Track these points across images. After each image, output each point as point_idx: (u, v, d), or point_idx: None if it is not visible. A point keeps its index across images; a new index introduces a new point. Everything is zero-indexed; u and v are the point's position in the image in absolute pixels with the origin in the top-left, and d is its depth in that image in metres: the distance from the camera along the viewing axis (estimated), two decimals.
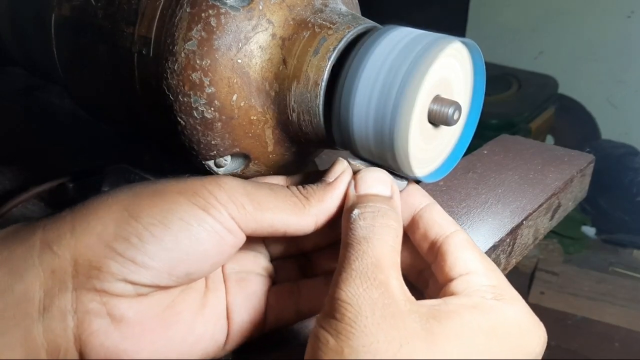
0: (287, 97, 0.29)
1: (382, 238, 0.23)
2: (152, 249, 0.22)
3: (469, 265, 0.24)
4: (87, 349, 0.22)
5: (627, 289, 1.62)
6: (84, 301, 0.22)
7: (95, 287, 0.22)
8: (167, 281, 0.23)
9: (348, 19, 0.29)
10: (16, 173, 0.46)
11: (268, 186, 0.26)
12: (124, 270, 0.22)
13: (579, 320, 1.57)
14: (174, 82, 0.28)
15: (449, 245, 0.25)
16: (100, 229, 0.22)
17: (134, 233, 0.22)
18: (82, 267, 0.22)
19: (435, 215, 0.26)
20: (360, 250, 0.23)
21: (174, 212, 0.23)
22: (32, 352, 0.21)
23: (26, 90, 0.63)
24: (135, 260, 0.22)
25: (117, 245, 0.22)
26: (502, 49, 2.01)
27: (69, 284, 0.22)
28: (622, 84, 1.90)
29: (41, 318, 0.21)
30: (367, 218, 0.24)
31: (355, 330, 0.20)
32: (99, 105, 0.37)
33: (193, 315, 0.25)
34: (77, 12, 0.34)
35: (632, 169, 1.83)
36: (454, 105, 0.26)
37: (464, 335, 0.21)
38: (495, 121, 1.68)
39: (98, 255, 0.22)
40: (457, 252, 0.24)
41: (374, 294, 0.21)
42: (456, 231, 0.25)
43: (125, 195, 0.23)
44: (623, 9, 1.82)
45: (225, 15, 0.28)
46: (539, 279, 1.67)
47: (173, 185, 0.24)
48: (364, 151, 0.28)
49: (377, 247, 0.23)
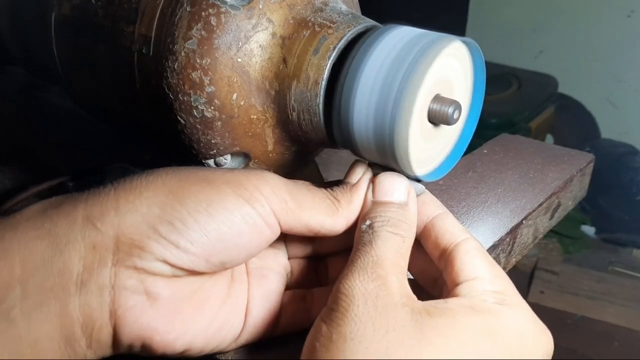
0: (287, 96, 0.29)
1: (386, 241, 0.24)
2: (194, 235, 0.22)
3: (476, 271, 0.24)
4: (121, 324, 0.22)
5: (627, 289, 1.62)
6: (122, 277, 0.22)
7: (135, 265, 0.22)
8: (203, 267, 0.23)
9: (348, 18, 0.29)
10: (16, 172, 0.46)
11: (306, 185, 0.26)
12: (165, 252, 0.22)
13: (578, 319, 1.57)
14: (174, 81, 0.28)
15: (458, 252, 0.25)
16: (145, 210, 0.22)
17: (178, 217, 0.22)
18: (123, 245, 0.22)
19: (447, 224, 0.26)
20: (364, 251, 0.23)
21: (219, 202, 0.23)
22: (67, 325, 0.21)
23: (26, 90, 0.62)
24: (178, 244, 0.22)
25: (161, 227, 0.22)
26: (502, 49, 2.01)
27: (109, 260, 0.22)
28: (622, 83, 1.90)
29: (78, 292, 0.22)
30: (374, 227, 0.25)
31: (346, 317, 0.21)
32: (99, 105, 0.37)
33: (220, 303, 0.25)
34: (77, 11, 0.34)
35: (632, 169, 1.83)
36: (454, 105, 0.26)
37: (454, 331, 0.21)
38: (495, 120, 1.68)
39: (141, 235, 0.22)
40: (465, 258, 0.25)
41: (369, 286, 0.22)
42: (467, 239, 0.26)
43: (172, 179, 0.24)
44: (623, 8, 1.82)
45: (226, 14, 0.28)
46: (539, 278, 1.67)
47: (220, 175, 0.24)
48: (364, 150, 0.28)
49: (380, 248, 0.23)
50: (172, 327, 0.23)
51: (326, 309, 0.22)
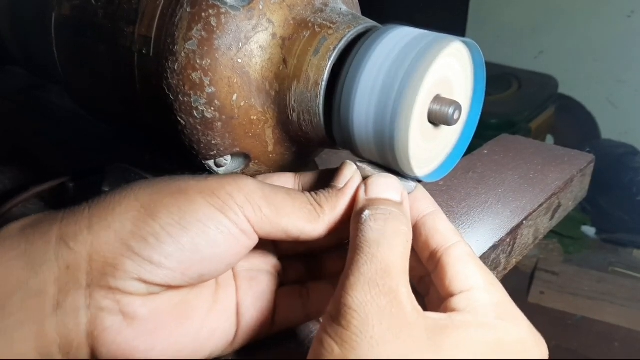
0: (287, 97, 0.29)
1: (392, 242, 0.23)
2: (168, 249, 0.22)
3: (470, 281, 0.24)
4: (99, 345, 0.22)
5: (627, 289, 1.62)
6: (97, 298, 0.22)
7: (109, 285, 0.22)
8: (180, 281, 0.23)
9: (348, 19, 0.29)
10: (16, 173, 0.46)
11: (285, 191, 0.25)
12: (139, 268, 0.22)
13: (578, 320, 1.57)
14: (174, 81, 0.28)
15: (449, 257, 0.24)
16: (118, 226, 0.22)
17: (151, 232, 0.22)
18: (97, 264, 0.22)
19: (439, 224, 0.26)
20: (369, 254, 0.22)
21: (192, 214, 0.22)
22: (45, 346, 0.21)
23: (26, 90, 0.62)
24: (152, 260, 0.22)
25: (134, 243, 0.22)
26: (502, 49, 2.01)
27: (83, 281, 0.22)
28: (622, 83, 1.90)
29: (55, 313, 0.21)
30: (378, 220, 0.23)
31: (361, 339, 0.20)
32: (99, 105, 0.37)
33: (205, 312, 0.25)
34: (78, 11, 0.34)
35: (632, 169, 1.83)
36: (454, 105, 0.26)
37: (470, 348, 0.21)
38: (495, 121, 1.68)
39: (114, 253, 0.22)
40: (457, 265, 0.24)
41: (382, 302, 0.21)
42: (457, 242, 0.25)
43: (145, 193, 0.23)
44: (623, 9, 1.82)
45: (226, 15, 0.28)
46: (539, 279, 1.67)
47: (193, 185, 0.24)
48: (364, 151, 0.28)
49: (387, 252, 0.22)
50: (154, 343, 0.23)
51: (331, 322, 0.21)
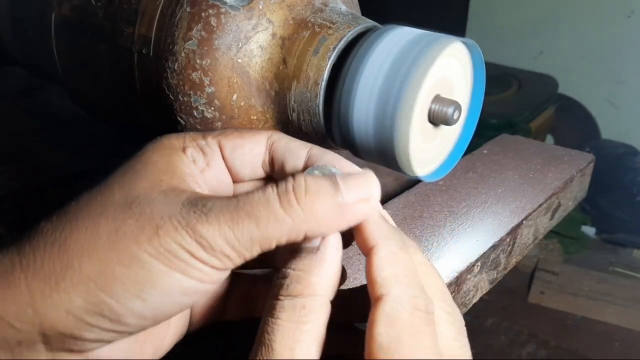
0: (287, 97, 0.29)
1: (283, 327, 0.20)
2: (129, 319, 0.20)
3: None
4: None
5: (627, 289, 1.62)
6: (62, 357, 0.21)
7: (71, 349, 0.21)
8: (141, 331, 0.22)
9: (348, 19, 0.29)
10: (16, 173, 0.46)
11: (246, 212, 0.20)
12: (100, 336, 0.20)
13: (578, 320, 1.57)
14: (174, 81, 0.28)
15: (368, 321, 0.20)
16: (67, 304, 0.20)
17: (107, 309, 0.20)
18: (53, 337, 0.20)
19: (369, 271, 0.21)
20: (258, 352, 0.20)
21: (151, 284, 0.20)
22: None
23: (26, 90, 0.63)
24: (114, 329, 0.20)
25: (90, 319, 0.20)
26: (502, 49, 2.01)
27: (41, 349, 0.20)
28: (622, 84, 1.90)
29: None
30: (275, 293, 0.21)
31: None
32: (99, 105, 0.37)
33: (164, 326, 0.24)
34: (77, 11, 0.34)
35: (632, 169, 1.83)
36: (454, 105, 0.26)
37: None
38: (495, 121, 1.68)
39: (70, 328, 0.20)
40: (371, 332, 0.20)
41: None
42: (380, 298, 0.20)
43: (89, 260, 0.20)
44: (623, 9, 1.82)
45: (225, 14, 0.28)
46: (539, 279, 1.67)
47: (145, 244, 0.20)
48: (364, 151, 0.28)
49: (276, 348, 0.19)
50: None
51: None
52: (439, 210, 0.41)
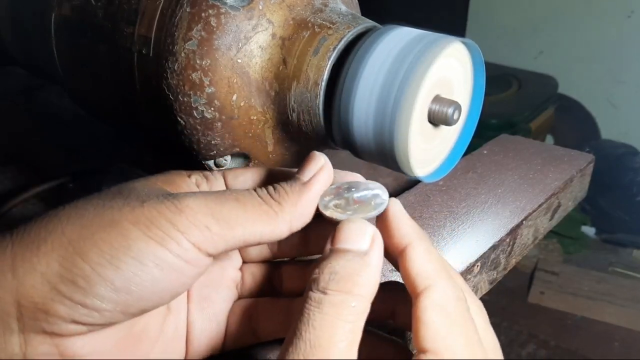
0: (287, 97, 0.29)
1: (329, 313, 0.20)
2: (101, 291, 0.20)
3: (428, 343, 0.21)
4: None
5: (627, 289, 1.62)
6: (34, 344, 0.20)
7: (44, 330, 0.20)
8: (122, 319, 0.21)
9: (348, 19, 0.29)
10: (16, 173, 0.46)
11: (234, 197, 0.23)
12: (73, 313, 0.20)
13: (578, 320, 1.57)
14: (174, 81, 0.28)
15: (417, 309, 0.21)
16: (44, 268, 0.20)
17: (80, 275, 0.20)
18: (27, 310, 0.20)
19: (411, 266, 0.22)
20: (299, 332, 0.20)
21: (125, 250, 0.20)
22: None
23: (26, 90, 0.63)
24: (85, 304, 0.20)
25: (63, 287, 0.20)
26: (502, 49, 2.01)
27: (15, 327, 0.20)
28: (622, 84, 1.90)
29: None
30: (320, 283, 0.21)
31: None
32: (99, 105, 0.37)
33: (152, 342, 0.24)
34: (77, 11, 0.34)
35: (632, 169, 1.83)
36: (454, 105, 0.26)
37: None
38: (495, 121, 1.68)
39: (44, 298, 0.20)
40: (423, 317, 0.21)
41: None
42: (428, 288, 0.21)
43: (73, 227, 0.21)
44: (623, 9, 1.82)
45: (225, 15, 0.28)
46: (539, 279, 1.67)
47: (127, 214, 0.21)
48: (364, 151, 0.28)
49: (317, 329, 0.20)
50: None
51: None
52: (438, 211, 0.41)
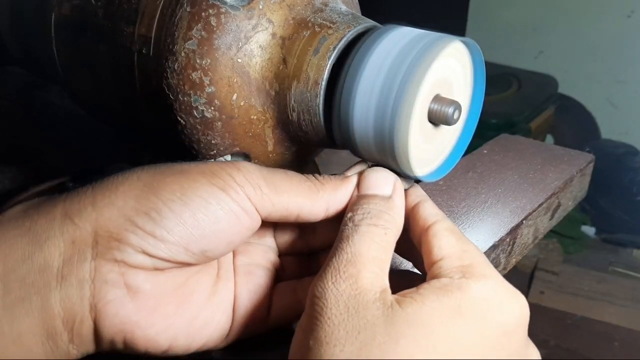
0: (287, 97, 0.29)
1: (365, 235, 0.24)
2: (170, 224, 0.23)
3: (443, 251, 0.24)
4: (101, 318, 0.22)
5: (627, 289, 1.62)
6: (102, 271, 0.22)
7: (114, 258, 0.22)
8: (184, 257, 0.23)
9: (348, 19, 0.29)
10: (16, 173, 0.46)
11: (283, 171, 0.26)
12: (142, 242, 0.22)
13: (578, 319, 1.57)
14: (174, 81, 0.28)
15: (428, 234, 0.25)
16: (122, 203, 0.23)
17: (153, 208, 0.23)
18: (102, 239, 0.22)
19: (422, 211, 0.26)
20: (340, 248, 0.23)
21: (193, 190, 0.23)
22: (49, 319, 0.22)
23: (26, 90, 0.62)
24: (154, 234, 0.22)
25: (137, 218, 0.22)
26: (502, 49, 2.01)
27: (88, 254, 0.22)
28: (622, 84, 1.90)
29: (59, 286, 0.22)
30: (355, 220, 0.24)
31: (320, 322, 0.21)
32: (99, 105, 0.37)
33: (204, 300, 0.26)
34: (77, 11, 0.34)
35: (632, 169, 1.83)
36: (454, 105, 0.26)
37: (424, 317, 0.21)
38: (495, 121, 1.68)
39: (118, 228, 0.22)
40: (433, 240, 0.25)
41: (341, 286, 0.22)
42: (436, 221, 0.25)
43: (147, 174, 0.24)
44: (623, 9, 1.82)
45: (226, 14, 0.28)
46: (539, 279, 1.67)
47: (194, 167, 0.25)
48: (364, 150, 0.28)
49: (357, 244, 0.23)
50: (154, 321, 0.23)
51: (304, 315, 0.22)
52: None
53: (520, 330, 0.23)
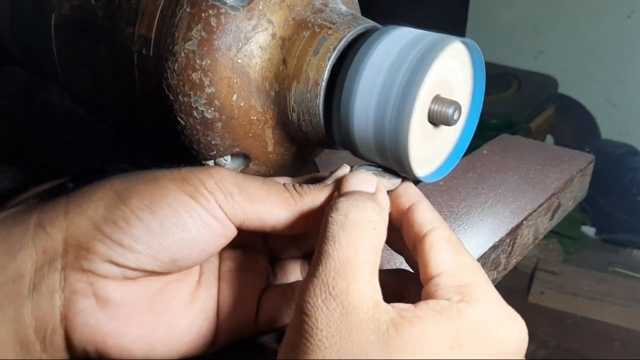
0: (287, 97, 0.29)
1: (352, 233, 0.22)
2: (137, 232, 0.22)
3: (440, 266, 0.23)
4: (72, 328, 0.22)
5: (627, 289, 1.62)
6: (72, 281, 0.22)
7: (82, 267, 0.22)
8: (153, 266, 0.23)
9: (348, 19, 0.29)
10: (16, 173, 0.46)
11: (261, 179, 0.26)
12: (110, 252, 0.22)
13: (578, 319, 1.57)
14: (174, 82, 0.28)
15: (424, 245, 0.24)
16: (92, 212, 0.23)
17: (121, 216, 0.22)
18: (71, 248, 0.22)
19: (417, 215, 0.25)
20: (326, 252, 0.22)
21: (162, 198, 0.23)
22: (21, 328, 0.22)
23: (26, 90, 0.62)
24: (122, 243, 0.22)
25: (105, 227, 0.22)
26: (502, 49, 2.01)
27: (58, 264, 0.22)
28: (622, 84, 1.90)
29: (31, 296, 0.22)
30: (340, 209, 0.23)
31: (309, 343, 0.20)
32: (99, 105, 0.37)
33: (181, 308, 0.25)
34: (77, 11, 0.34)
35: (632, 169, 1.83)
36: (454, 105, 0.26)
37: (421, 346, 0.20)
38: (495, 121, 1.68)
39: (87, 236, 0.22)
40: (430, 252, 0.23)
41: (331, 305, 0.20)
42: (433, 229, 0.24)
43: (120, 182, 0.24)
44: (623, 9, 1.82)
45: (225, 15, 0.28)
46: (539, 279, 1.67)
47: (167, 174, 0.24)
48: (364, 151, 0.28)
49: (345, 247, 0.22)
50: (126, 330, 0.23)
51: (291, 330, 0.21)
52: (438, 211, 0.41)
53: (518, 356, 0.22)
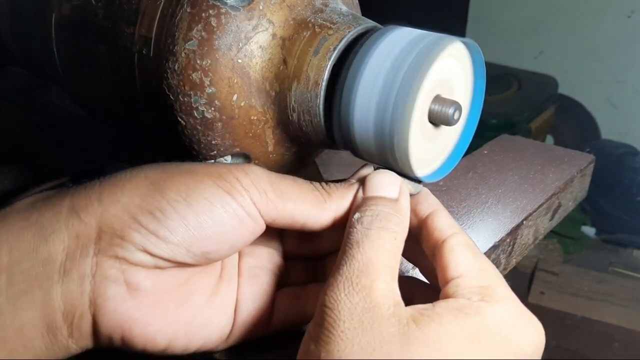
0: (287, 97, 0.29)
1: (375, 241, 0.23)
2: (173, 224, 0.23)
3: (461, 268, 0.24)
4: (100, 314, 0.22)
5: (627, 289, 1.62)
6: (104, 267, 0.22)
7: (116, 255, 0.22)
8: (185, 257, 0.23)
9: (348, 19, 0.29)
10: (16, 173, 0.46)
11: (292, 178, 0.26)
12: (145, 241, 0.23)
13: (578, 320, 1.57)
14: (174, 82, 0.28)
15: (444, 249, 0.24)
16: (127, 200, 0.23)
17: (158, 207, 0.23)
18: (105, 235, 0.23)
19: (437, 221, 0.26)
20: (350, 255, 0.23)
21: (199, 192, 0.23)
22: (50, 312, 0.22)
23: (26, 90, 0.62)
24: (157, 233, 0.23)
25: (141, 217, 0.23)
26: (502, 49, 2.01)
27: (91, 250, 0.22)
28: (622, 84, 1.90)
29: (61, 280, 0.22)
30: (364, 222, 0.24)
31: (333, 335, 0.20)
32: (99, 105, 0.37)
33: (204, 300, 0.26)
34: (78, 11, 0.34)
35: (632, 169, 1.83)
36: (454, 105, 0.26)
37: (441, 340, 0.21)
38: (495, 121, 1.68)
39: (122, 225, 0.23)
40: (450, 255, 0.24)
41: (354, 299, 0.21)
42: (453, 234, 0.25)
43: (154, 172, 0.24)
44: (623, 9, 1.82)
45: (226, 15, 0.28)
46: (539, 279, 1.67)
47: (202, 167, 0.25)
48: (365, 151, 0.28)
49: (368, 251, 0.23)
50: (152, 319, 0.23)
51: (313, 324, 0.22)
52: None
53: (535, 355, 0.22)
